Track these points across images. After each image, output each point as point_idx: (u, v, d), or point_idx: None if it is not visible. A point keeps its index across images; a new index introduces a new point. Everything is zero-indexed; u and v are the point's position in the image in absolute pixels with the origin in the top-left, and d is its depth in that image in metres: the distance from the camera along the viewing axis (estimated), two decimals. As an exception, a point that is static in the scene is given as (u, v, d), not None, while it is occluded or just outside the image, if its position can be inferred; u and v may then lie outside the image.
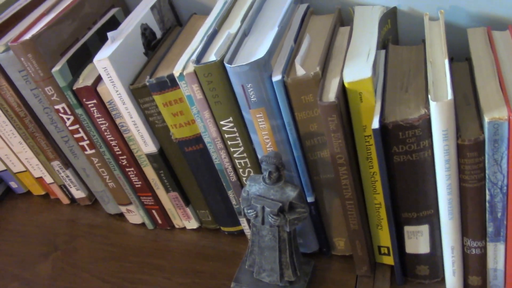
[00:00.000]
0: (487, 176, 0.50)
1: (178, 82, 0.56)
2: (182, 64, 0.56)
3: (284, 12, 0.60)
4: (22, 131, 0.75)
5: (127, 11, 0.74)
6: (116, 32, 0.62)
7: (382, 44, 0.62)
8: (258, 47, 0.55)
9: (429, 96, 0.47)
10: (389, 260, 0.64)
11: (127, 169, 0.70)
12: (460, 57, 0.60)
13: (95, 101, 0.63)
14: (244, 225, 0.71)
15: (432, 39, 0.56)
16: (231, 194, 0.67)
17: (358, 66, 0.52)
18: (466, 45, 0.58)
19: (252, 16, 0.61)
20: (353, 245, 0.61)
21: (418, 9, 0.64)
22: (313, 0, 0.67)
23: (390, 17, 0.64)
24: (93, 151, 0.70)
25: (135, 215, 0.79)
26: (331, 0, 0.66)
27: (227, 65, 0.52)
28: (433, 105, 0.46)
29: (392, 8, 0.64)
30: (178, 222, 0.77)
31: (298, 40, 0.59)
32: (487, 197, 0.52)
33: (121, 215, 0.81)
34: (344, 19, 0.66)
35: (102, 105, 0.63)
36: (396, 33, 0.67)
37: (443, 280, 0.61)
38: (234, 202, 0.68)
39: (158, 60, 0.62)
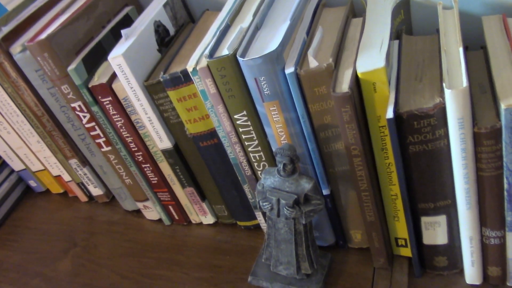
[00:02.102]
0: (504, 164, 0.49)
1: (192, 77, 0.57)
2: (195, 59, 0.57)
3: (296, 5, 0.60)
4: (40, 130, 0.76)
5: (140, 9, 0.75)
6: (129, 30, 0.63)
7: (396, 35, 0.61)
8: (271, 41, 0.55)
9: (443, 84, 0.47)
10: (406, 252, 0.64)
11: (143, 165, 0.71)
12: (475, 45, 0.60)
13: (110, 98, 0.63)
14: (260, 219, 0.71)
15: (446, 28, 0.56)
16: (246, 188, 0.67)
17: (371, 57, 0.52)
18: (481, 33, 0.57)
19: (264, 10, 0.61)
20: (369, 237, 0.61)
21: (431, -2, 0.64)
22: (325, -8, 0.67)
23: (403, 8, 0.64)
24: (109, 148, 0.71)
25: (152, 211, 0.79)
26: (343, -8, 0.66)
27: (239, 59, 0.52)
28: (448, 93, 0.46)
29: (405, -2, 0.63)
30: (194, 217, 0.77)
31: (310, 32, 0.59)
32: (505, 186, 0.51)
33: (138, 212, 0.82)
34: (357, 11, 0.66)
35: (117, 102, 0.64)
36: (410, 24, 0.67)
37: (462, 271, 0.61)
38: (249, 196, 0.68)
39: (171, 56, 0.63)
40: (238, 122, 0.59)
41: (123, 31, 0.61)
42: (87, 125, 0.69)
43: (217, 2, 0.73)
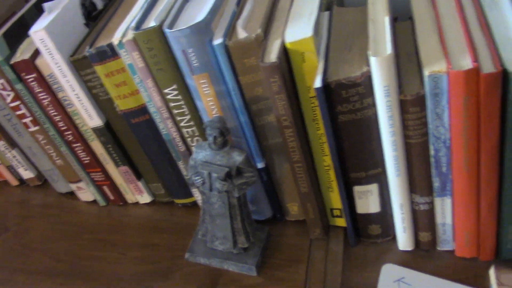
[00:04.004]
0: (430, 131, 0.51)
1: (118, 51, 0.55)
2: (122, 32, 0.55)
3: (226, -24, 0.59)
4: (-37, 112, 0.73)
5: (66, -17, 0.72)
6: (53, 3, 0.60)
7: (327, 6, 0.61)
8: (199, 12, 0.54)
9: (369, 52, 0.47)
10: (342, 222, 0.64)
11: (73, 145, 0.68)
12: (405, 17, 0.61)
13: (34, 75, 0.61)
14: (197, 195, 0.70)
15: (375, -1, 0.56)
16: (181, 164, 0.66)
17: (300, 27, 0.52)
18: (410, 4, 0.58)
19: (193, -19, 0.60)
20: (304, 209, 0.62)
21: (361, -30, 0.64)
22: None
23: (334, -21, 0.64)
24: (37, 127, 0.68)
25: (86, 192, 0.77)
26: (274, -36, 0.65)
27: (166, 30, 0.51)
28: (373, 60, 0.47)
29: (334, -31, 0.63)
30: (130, 197, 0.76)
31: (241, 3, 0.58)
32: (432, 152, 0.52)
33: (72, 194, 0.79)
34: (288, -17, 0.66)
35: (42, 79, 0.61)
36: (341, -5, 0.67)
37: (394, 238, 0.62)
38: (185, 173, 0.67)
39: (98, 30, 0.61)
40: (168, 96, 0.57)
41: (45, 5, 0.59)
42: (11, 104, 0.66)
43: (147, -25, 0.71)
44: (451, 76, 0.46)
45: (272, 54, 0.50)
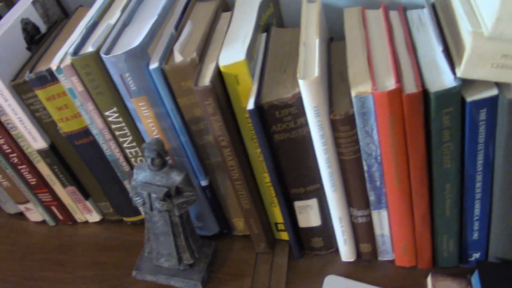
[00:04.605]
0: (361, 148, 0.53)
1: (57, 76, 0.56)
2: (60, 57, 0.56)
3: (166, 0, 0.60)
4: None
5: (11, 6, 0.72)
6: (-7, 29, 0.61)
7: (266, 27, 0.63)
8: (137, 37, 0.55)
9: (297, 74, 0.49)
10: (286, 235, 0.66)
11: (19, 167, 0.69)
12: (341, 37, 0.63)
13: (-25, 99, 0.61)
14: (145, 213, 0.71)
15: (308, 21, 0.58)
16: (127, 184, 0.67)
17: (234, 50, 0.53)
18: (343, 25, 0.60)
19: (133, 6, 0.61)
20: (248, 224, 0.63)
21: (298, -9, 0.66)
22: (197, -14, 0.67)
23: (272, 1, 0.65)
24: (-19, 151, 0.68)
25: (34, 213, 0.77)
26: (215, -14, 0.67)
27: (102, 56, 0.52)
28: (301, 83, 0.48)
29: (273, -9, 0.65)
30: (79, 216, 0.76)
31: (179, 27, 0.59)
32: (365, 168, 0.54)
33: (21, 214, 0.79)
34: (229, 5, 0.67)
35: (-16, 104, 0.62)
36: (280, 16, 0.69)
37: (337, 250, 0.64)
38: (131, 192, 0.68)
39: (40, 55, 0.61)
40: (109, 118, 0.58)
41: (-15, 30, 0.59)
42: (-47, 129, 0.66)
43: (91, -3, 0.72)
44: (376, 96, 0.48)
45: (206, 78, 0.52)
